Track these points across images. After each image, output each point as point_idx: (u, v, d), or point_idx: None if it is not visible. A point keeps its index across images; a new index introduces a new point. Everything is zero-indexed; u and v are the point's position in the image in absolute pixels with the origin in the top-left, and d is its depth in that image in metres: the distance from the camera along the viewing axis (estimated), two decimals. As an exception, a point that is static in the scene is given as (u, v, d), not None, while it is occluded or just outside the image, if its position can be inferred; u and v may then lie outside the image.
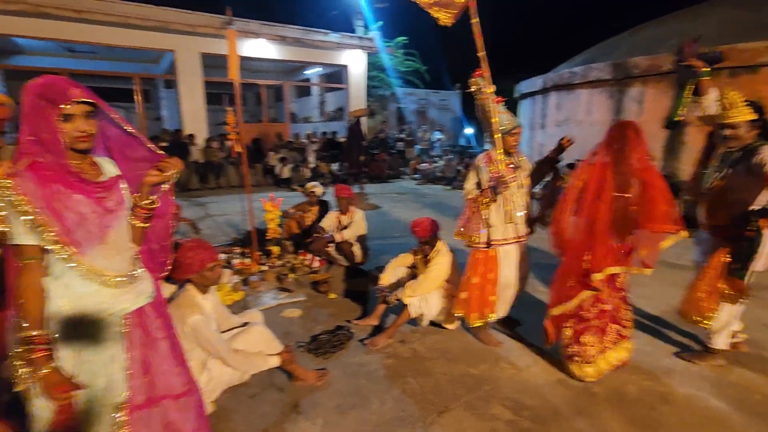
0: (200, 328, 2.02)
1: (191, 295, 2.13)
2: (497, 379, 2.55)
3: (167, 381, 1.49)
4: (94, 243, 1.31)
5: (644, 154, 2.26)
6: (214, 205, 7.83)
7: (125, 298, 1.38)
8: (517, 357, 2.80)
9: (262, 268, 4.20)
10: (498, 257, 2.82)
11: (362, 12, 14.90)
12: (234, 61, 3.91)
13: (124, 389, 1.38)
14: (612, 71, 8.00)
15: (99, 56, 11.52)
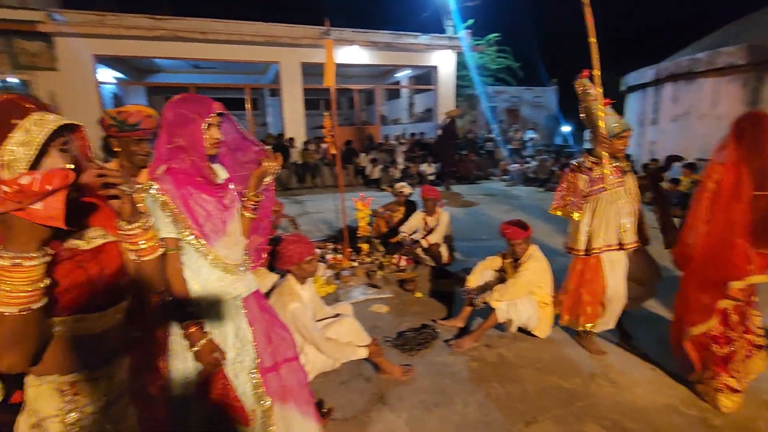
0: (298, 315, 2.23)
1: (291, 285, 2.35)
2: (593, 396, 2.38)
3: (284, 348, 1.73)
4: (219, 235, 1.53)
5: None
6: (311, 203, 8.42)
7: (240, 285, 1.60)
8: (619, 374, 2.58)
9: (353, 264, 4.42)
10: (602, 266, 2.68)
11: (452, 12, 14.78)
12: (331, 68, 4.18)
13: (254, 356, 1.60)
14: (747, 55, 6.88)
15: (218, 71, 13.11)
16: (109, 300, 1.08)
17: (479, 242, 5.52)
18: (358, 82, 14.10)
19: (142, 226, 1.08)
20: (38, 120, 0.89)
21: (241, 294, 1.61)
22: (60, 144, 0.94)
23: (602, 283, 2.67)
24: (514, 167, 11.67)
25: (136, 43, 9.76)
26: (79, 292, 1.01)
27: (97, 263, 1.05)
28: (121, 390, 1.13)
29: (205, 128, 1.44)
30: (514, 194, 9.69)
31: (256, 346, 1.62)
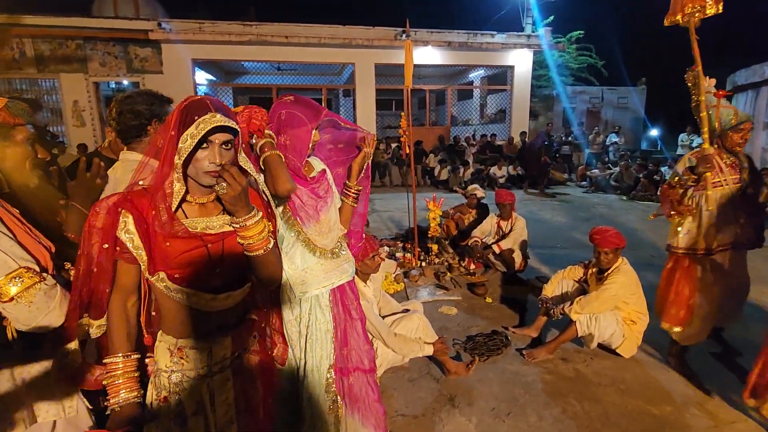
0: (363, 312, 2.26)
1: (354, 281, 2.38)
2: (687, 428, 2.16)
3: (359, 356, 1.75)
4: (311, 222, 1.62)
5: None
6: (379, 202, 8.56)
7: (334, 274, 1.67)
8: (717, 405, 2.31)
9: (422, 264, 4.43)
10: (696, 269, 2.52)
11: (532, 8, 14.15)
12: (410, 69, 4.22)
13: (332, 353, 1.67)
14: None
15: (297, 72, 13.81)
16: (222, 285, 1.18)
17: (554, 250, 5.25)
18: (430, 82, 14.06)
19: (248, 219, 1.11)
20: (206, 119, 1.05)
21: (334, 283, 1.67)
22: (222, 142, 1.09)
23: (692, 287, 2.51)
24: (594, 173, 10.91)
25: (227, 47, 10.63)
26: (197, 269, 1.13)
27: (219, 248, 1.16)
28: (223, 365, 1.22)
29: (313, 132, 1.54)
30: (594, 202, 9.06)
31: (335, 344, 1.66)
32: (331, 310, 1.68)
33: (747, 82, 8.92)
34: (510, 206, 4.22)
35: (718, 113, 2.43)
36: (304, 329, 1.65)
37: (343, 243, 1.76)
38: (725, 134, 2.44)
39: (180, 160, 1.05)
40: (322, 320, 1.65)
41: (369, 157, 1.80)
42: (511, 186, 10.33)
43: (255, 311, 1.37)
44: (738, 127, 2.40)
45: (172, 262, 1.10)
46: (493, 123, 14.28)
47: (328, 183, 1.72)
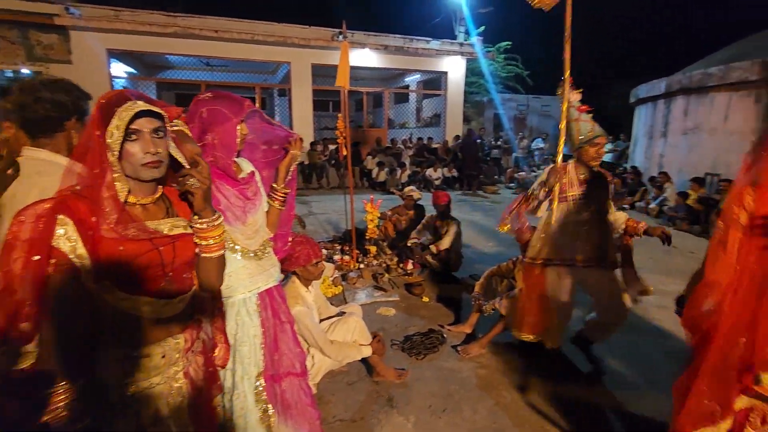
0: (302, 318, 2.18)
1: (296, 287, 2.31)
2: (596, 407, 2.36)
3: (291, 360, 1.70)
4: (238, 223, 1.55)
5: None
6: (316, 204, 8.42)
7: (260, 278, 1.60)
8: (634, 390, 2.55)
9: (360, 266, 4.42)
10: (547, 278, 2.58)
11: (464, 18, 14.82)
12: (344, 70, 4.19)
13: (261, 360, 1.59)
14: (761, 71, 6.85)
15: (229, 69, 13.17)
16: (175, 289, 1.11)
17: (486, 249, 5.51)
18: (367, 84, 14.13)
19: (211, 222, 1.11)
20: (127, 107, 0.98)
21: (260, 287, 1.61)
22: (151, 129, 1.01)
23: (544, 294, 2.59)
24: (521, 175, 11.66)
25: (149, 39, 9.84)
26: (150, 275, 1.05)
27: (171, 251, 1.08)
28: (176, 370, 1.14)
29: (239, 127, 1.46)
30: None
31: (263, 349, 1.60)
32: (259, 315, 1.61)
33: (647, 96, 10.04)
34: (446, 207, 4.35)
35: (578, 127, 2.46)
36: (232, 337, 1.56)
37: (268, 247, 1.69)
38: (582, 148, 2.47)
39: (114, 157, 0.98)
40: (250, 325, 1.58)
41: (296, 159, 1.75)
42: (446, 187, 10.69)
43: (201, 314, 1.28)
44: (593, 141, 2.43)
45: (122, 269, 1.00)
46: (428, 126, 14.71)
47: (257, 185, 1.65)
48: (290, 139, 1.74)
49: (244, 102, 1.51)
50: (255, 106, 1.58)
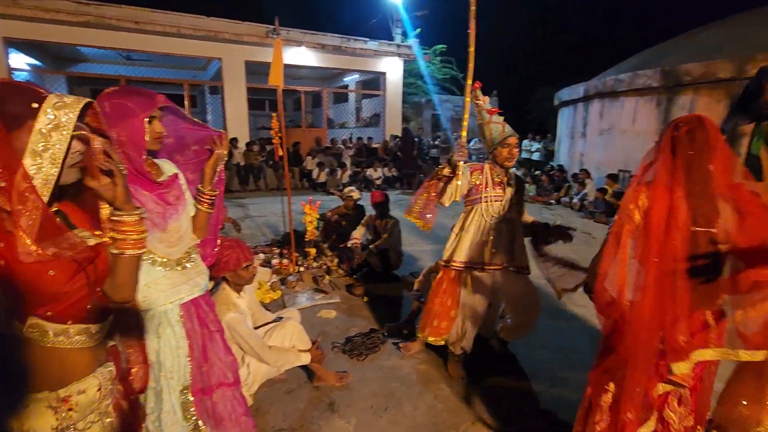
0: (235, 326, 2.10)
1: (227, 294, 2.20)
2: (535, 393, 2.50)
3: (222, 370, 1.61)
4: (156, 231, 1.43)
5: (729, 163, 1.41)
6: (254, 207, 8.10)
7: (183, 288, 1.49)
8: (561, 371, 2.73)
9: (299, 269, 4.31)
10: (460, 281, 2.55)
11: (401, 20, 15.07)
12: (278, 68, 4.06)
13: (189, 373, 1.50)
14: (661, 78, 7.68)
15: (152, 64, 12.24)
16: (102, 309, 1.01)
17: (426, 246, 5.63)
18: (305, 83, 13.87)
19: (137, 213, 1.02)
20: (61, 104, 0.85)
21: (183, 298, 1.50)
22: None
23: (455, 298, 2.53)
24: (458, 174, 12.08)
25: (56, 27, 8.86)
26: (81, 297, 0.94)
27: (94, 264, 0.96)
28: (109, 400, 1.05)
29: (147, 123, 1.34)
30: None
31: (190, 362, 1.51)
32: (183, 326, 1.50)
33: (568, 99, 10.86)
34: (385, 206, 4.38)
35: (490, 129, 2.48)
36: (153, 352, 1.44)
37: (194, 253, 1.58)
38: (496, 150, 2.47)
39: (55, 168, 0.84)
40: (172, 338, 1.47)
41: (222, 158, 1.66)
42: (387, 187, 10.80)
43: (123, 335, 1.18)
44: (504, 142, 2.44)
45: (51, 297, 0.86)
46: (368, 126, 14.78)
47: (181, 189, 1.54)
48: (215, 138, 1.63)
49: (156, 97, 1.39)
50: (170, 103, 1.46)
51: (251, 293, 2.45)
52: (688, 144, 1.40)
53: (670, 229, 1.37)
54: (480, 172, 2.52)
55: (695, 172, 1.39)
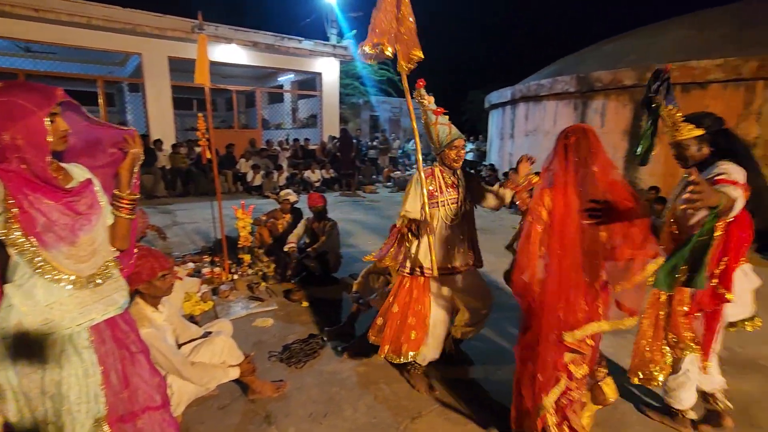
0: (150, 343, 1.88)
1: (140, 308, 2.01)
2: (471, 383, 2.59)
3: (147, 393, 1.48)
4: (62, 245, 1.28)
5: (608, 165, 1.73)
6: (182, 213, 7.60)
7: (95, 307, 1.34)
8: (496, 358, 2.84)
9: (233, 277, 4.10)
10: (430, 287, 2.46)
11: (336, 20, 14.99)
12: (203, 65, 3.84)
13: (103, 403, 1.35)
14: (576, 84, 8.36)
15: (58, 57, 11.04)
16: None
17: (366, 247, 5.63)
18: (237, 82, 13.30)
19: None
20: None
21: (95, 319, 1.35)
22: None
23: (427, 306, 2.43)
24: (396, 174, 12.27)
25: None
26: None
27: None
28: None
29: (48, 121, 1.19)
30: (398, 200, 10.15)
31: (105, 390, 1.36)
32: (95, 351, 1.35)
33: (497, 102, 11.47)
34: (322, 209, 4.30)
35: (437, 131, 2.43)
36: (51, 384, 1.28)
37: (112, 269, 1.43)
38: (443, 151, 2.44)
39: None
40: (79, 367, 1.31)
41: (138, 158, 1.51)
42: (326, 189, 10.69)
43: None
44: (452, 145, 2.41)
45: None
46: (305, 127, 14.53)
47: (95, 196, 1.38)
48: (125, 137, 1.49)
49: (54, 91, 1.24)
50: (68, 98, 1.30)
51: (173, 306, 2.28)
52: (575, 151, 1.72)
53: (567, 223, 1.67)
54: (432, 177, 2.46)
55: (582, 174, 1.70)
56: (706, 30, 8.06)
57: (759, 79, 6.37)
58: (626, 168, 7.66)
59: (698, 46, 7.57)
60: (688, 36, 8.18)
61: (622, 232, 1.67)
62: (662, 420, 2.24)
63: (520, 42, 23.00)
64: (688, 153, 1.99)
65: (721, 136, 1.94)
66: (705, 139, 1.95)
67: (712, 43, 7.46)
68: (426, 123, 2.48)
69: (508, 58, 20.79)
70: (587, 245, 1.69)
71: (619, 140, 7.75)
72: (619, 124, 7.77)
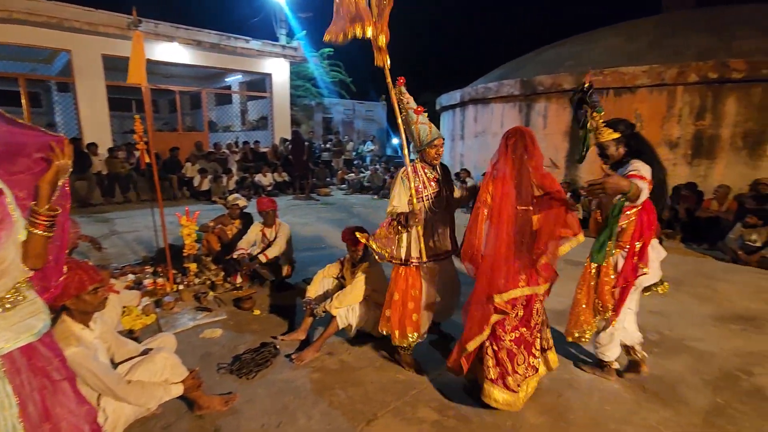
0: (79, 362, 1.77)
1: (67, 326, 1.86)
2: (423, 382, 2.62)
3: (74, 424, 1.36)
4: None
5: (541, 161, 2.16)
6: (122, 221, 7.12)
7: (4, 336, 1.21)
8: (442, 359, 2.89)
9: (178, 288, 3.89)
10: (421, 274, 2.69)
11: (286, 20, 14.71)
12: (138, 64, 3.62)
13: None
14: (521, 87, 8.75)
15: (-28, 53, 9.99)
16: None
17: (320, 251, 5.55)
18: (181, 83, 12.67)
19: None
20: None
21: (4, 348, 1.22)
22: None
23: (421, 290, 2.68)
24: (350, 176, 12.23)
25: None
26: None
27: None
28: None
29: None
30: (352, 202, 10.15)
31: (23, 424, 1.24)
32: (9, 381, 1.22)
33: (448, 104, 11.75)
34: (273, 213, 4.18)
35: (418, 130, 2.61)
36: None
37: (25, 291, 1.30)
38: (424, 149, 2.65)
39: None
40: None
41: (65, 170, 1.38)
42: (279, 192, 10.45)
43: None
44: (432, 143, 2.62)
45: None
46: (255, 129, 14.11)
47: (5, 210, 1.25)
48: (52, 144, 1.35)
49: None
50: None
51: (107, 322, 2.11)
52: (513, 149, 2.13)
53: (504, 207, 2.09)
54: (416, 174, 2.66)
55: (519, 169, 2.12)
56: (634, 39, 8.74)
57: (679, 84, 6.99)
58: (568, 167, 8.13)
59: (627, 53, 8.18)
60: (618, 44, 8.82)
61: (550, 215, 2.16)
62: (594, 371, 2.67)
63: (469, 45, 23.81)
64: (608, 152, 2.41)
65: (632, 139, 2.37)
66: (621, 141, 2.37)
67: (639, 51, 8.10)
68: (407, 121, 2.64)
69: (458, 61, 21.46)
70: (520, 226, 2.13)
71: (561, 141, 8.21)
72: (560, 125, 8.22)
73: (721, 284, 4.49)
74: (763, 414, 2.34)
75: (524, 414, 2.29)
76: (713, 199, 6.38)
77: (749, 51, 6.95)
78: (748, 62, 6.50)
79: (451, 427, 2.20)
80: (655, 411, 2.34)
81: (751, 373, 2.74)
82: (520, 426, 2.21)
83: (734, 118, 6.72)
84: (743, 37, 7.44)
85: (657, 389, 2.54)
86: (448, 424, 2.22)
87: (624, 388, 2.55)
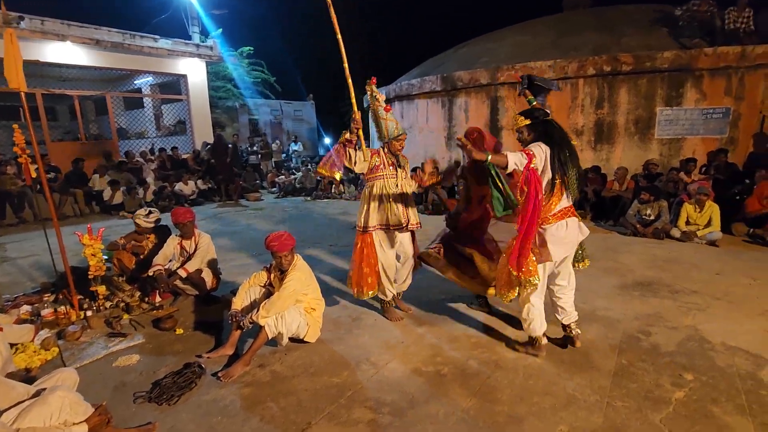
0: None
1: None
2: (358, 383, 2.59)
3: None
4: None
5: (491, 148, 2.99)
6: (15, 245, 6.26)
7: None
8: (378, 355, 2.90)
9: (85, 314, 3.49)
10: (375, 241, 3.29)
11: (198, 18, 13.86)
12: (14, 66, 3.18)
13: None
14: (442, 83, 9.05)
15: None
16: None
17: (249, 259, 5.31)
18: (82, 86, 11.41)
19: None
20: None
21: None
22: None
23: (374, 256, 3.29)
24: (281, 178, 11.87)
25: None
26: None
27: None
28: None
29: None
30: (284, 205, 9.85)
31: None
32: None
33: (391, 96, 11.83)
34: (190, 224, 3.90)
35: (386, 125, 3.19)
36: None
37: None
38: (389, 142, 3.25)
39: None
40: None
41: None
42: (204, 201, 9.87)
43: None
44: (398, 138, 3.23)
45: None
46: (173, 135, 13.16)
47: None
48: None
49: None
50: None
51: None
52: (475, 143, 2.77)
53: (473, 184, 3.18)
54: (377, 155, 3.26)
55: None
56: (537, 36, 9.41)
57: (580, 77, 7.66)
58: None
59: (533, 50, 8.80)
60: (524, 41, 9.45)
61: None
62: (526, 350, 2.84)
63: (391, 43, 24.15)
64: (521, 137, 2.72)
65: (542, 125, 2.64)
66: (532, 127, 2.66)
67: (543, 47, 8.75)
68: (376, 116, 3.20)
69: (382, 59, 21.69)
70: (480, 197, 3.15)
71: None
72: (480, 118, 8.63)
73: (623, 256, 5.01)
74: (659, 368, 2.63)
75: (455, 400, 2.36)
76: (615, 180, 7.09)
77: (636, 46, 7.80)
78: (634, 56, 7.30)
79: (386, 424, 2.21)
80: (571, 379, 2.54)
81: (649, 333, 3.08)
82: (452, 412, 2.28)
83: (626, 106, 7.51)
84: (630, 34, 8.34)
85: (573, 359, 2.76)
86: (384, 421, 2.23)
87: (546, 362, 2.73)
